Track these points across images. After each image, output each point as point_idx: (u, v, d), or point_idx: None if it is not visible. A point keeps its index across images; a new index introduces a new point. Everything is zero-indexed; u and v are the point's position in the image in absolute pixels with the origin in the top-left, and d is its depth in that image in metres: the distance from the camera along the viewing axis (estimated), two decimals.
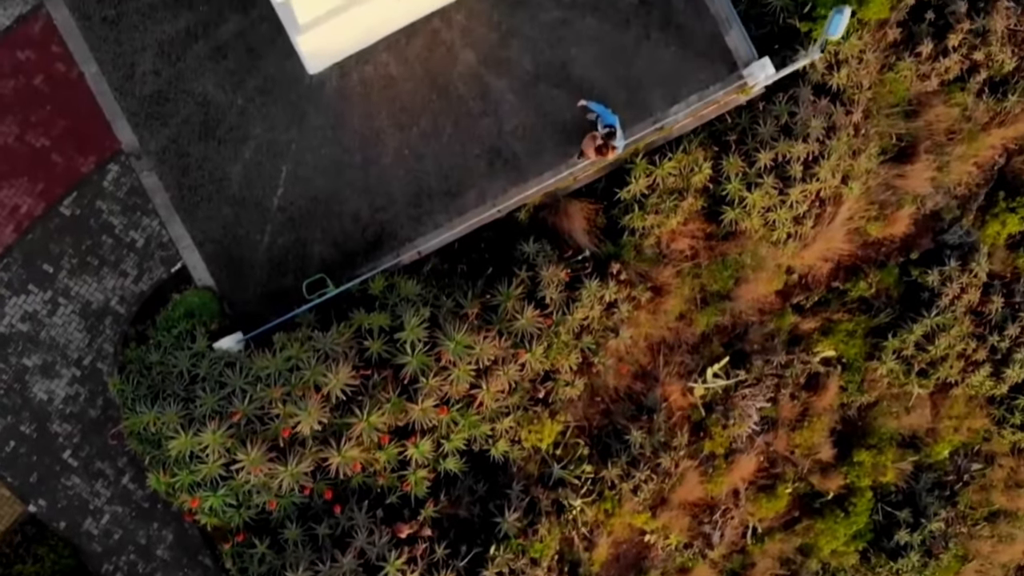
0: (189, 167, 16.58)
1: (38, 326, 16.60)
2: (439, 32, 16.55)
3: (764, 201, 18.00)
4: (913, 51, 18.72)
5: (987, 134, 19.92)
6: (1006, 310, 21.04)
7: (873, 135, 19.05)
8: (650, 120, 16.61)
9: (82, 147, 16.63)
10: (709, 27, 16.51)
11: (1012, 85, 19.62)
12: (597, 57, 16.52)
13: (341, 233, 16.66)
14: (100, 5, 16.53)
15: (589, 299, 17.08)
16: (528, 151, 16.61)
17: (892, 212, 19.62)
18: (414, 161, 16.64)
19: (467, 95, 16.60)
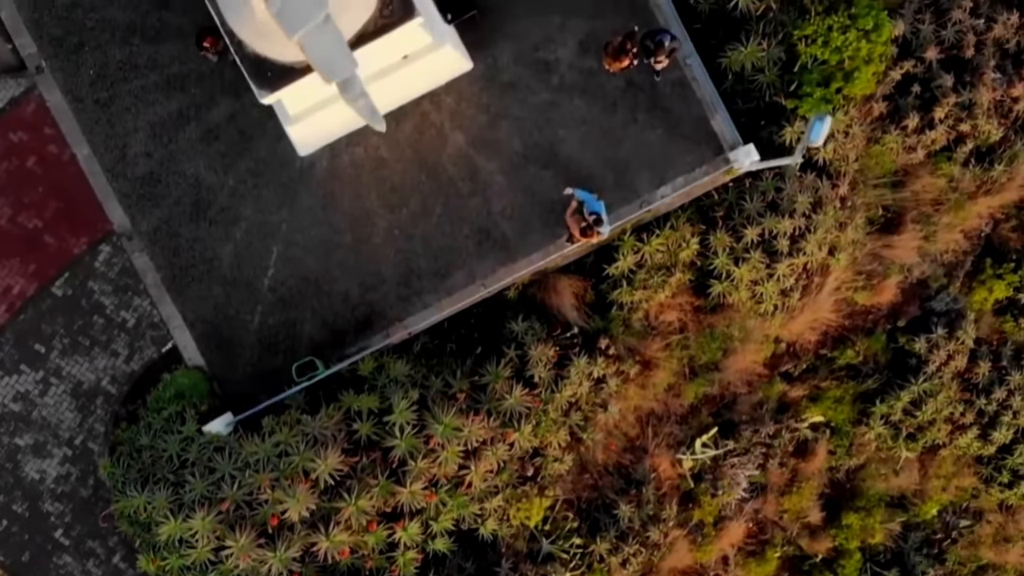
0: (180, 248, 16.53)
1: (30, 406, 16.53)
2: (429, 115, 16.51)
3: (751, 275, 17.94)
4: (899, 124, 18.64)
5: (974, 202, 19.87)
6: (993, 374, 20.97)
7: (860, 206, 18.99)
8: (637, 202, 16.54)
9: (74, 228, 16.59)
10: (695, 111, 16.45)
11: (999, 154, 19.56)
12: (585, 139, 16.46)
13: (331, 313, 16.60)
14: (93, 88, 16.50)
15: (578, 376, 17.01)
16: (517, 231, 16.55)
17: (879, 281, 19.56)
18: (404, 241, 16.59)
19: (456, 176, 16.55)
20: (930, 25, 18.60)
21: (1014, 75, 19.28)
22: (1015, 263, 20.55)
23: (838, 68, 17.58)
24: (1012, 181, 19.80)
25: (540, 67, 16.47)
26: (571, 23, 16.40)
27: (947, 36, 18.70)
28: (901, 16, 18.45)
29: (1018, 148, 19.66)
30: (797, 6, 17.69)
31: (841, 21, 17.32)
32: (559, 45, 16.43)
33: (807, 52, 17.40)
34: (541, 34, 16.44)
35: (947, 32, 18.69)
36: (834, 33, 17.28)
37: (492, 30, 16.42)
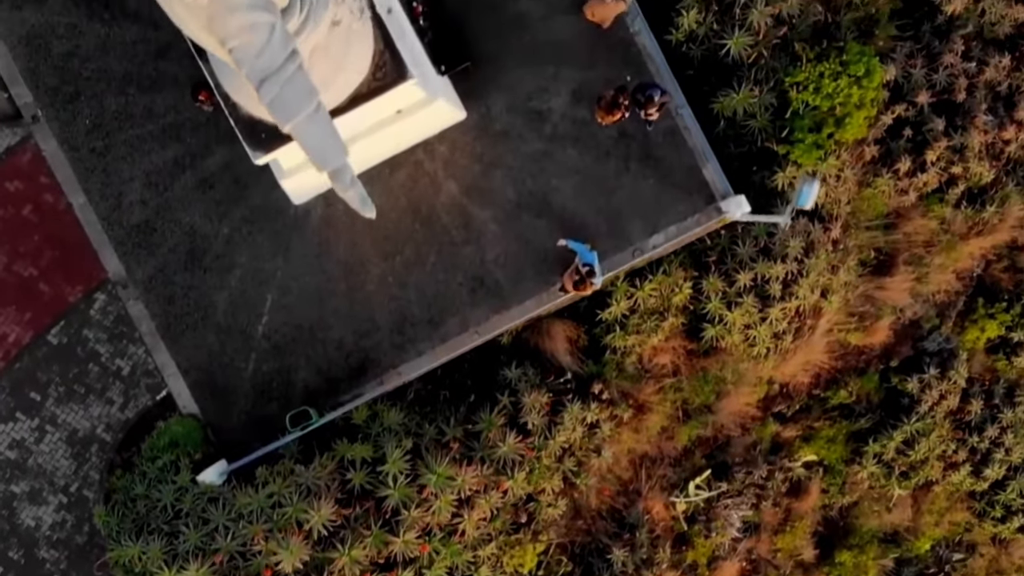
0: (175, 296, 16.50)
1: (26, 453, 16.49)
2: (422, 163, 16.48)
3: (744, 319, 17.91)
4: (891, 167, 18.62)
5: (966, 243, 19.85)
6: (986, 411, 20.97)
7: (852, 248, 18.97)
8: (630, 250, 16.49)
9: (70, 276, 16.56)
10: (687, 160, 16.41)
11: (990, 196, 19.54)
12: (578, 188, 16.42)
13: (325, 360, 16.55)
14: (88, 137, 16.48)
15: (571, 422, 16.96)
16: (510, 279, 16.50)
17: (872, 322, 19.54)
18: (398, 289, 16.54)
19: (450, 224, 16.52)
20: (921, 69, 18.59)
21: (1006, 117, 19.27)
22: (1007, 303, 20.56)
23: (830, 114, 17.57)
24: (1004, 222, 19.79)
25: (533, 117, 16.44)
26: (564, 73, 16.38)
27: (938, 80, 18.68)
28: (893, 60, 18.45)
29: (1009, 189, 19.66)
30: (789, 53, 17.70)
31: (833, 68, 17.30)
32: (552, 95, 16.41)
33: (799, 98, 17.38)
34: (534, 84, 16.42)
35: (938, 76, 18.67)
36: (826, 80, 17.26)
37: (485, 80, 16.40)
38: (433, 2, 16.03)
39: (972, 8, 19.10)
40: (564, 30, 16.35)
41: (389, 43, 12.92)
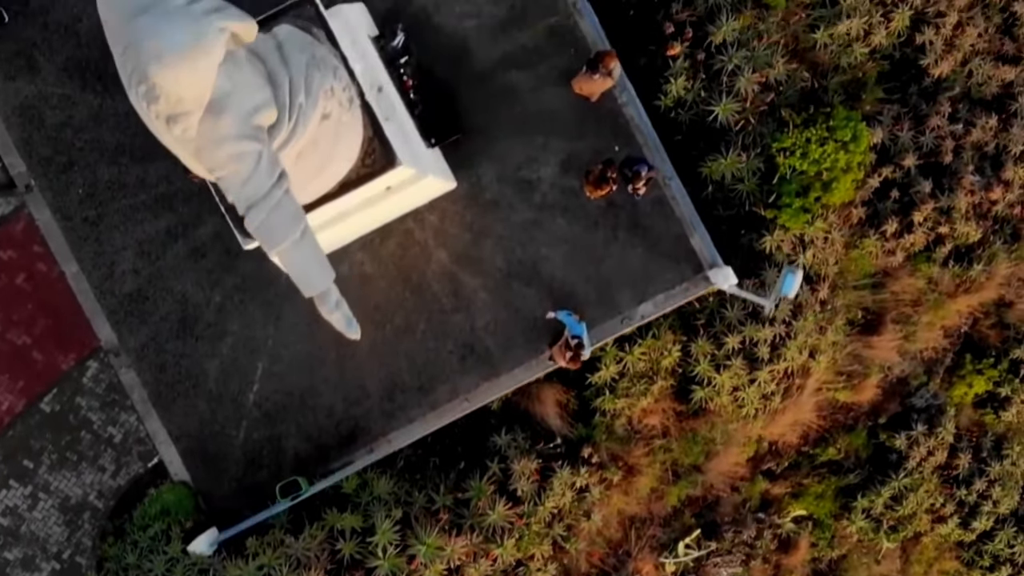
0: (167, 364, 16.48)
1: (19, 520, 16.45)
2: (413, 232, 16.49)
3: (733, 382, 17.89)
4: (879, 229, 18.61)
5: (953, 301, 19.84)
6: (974, 465, 20.95)
7: (840, 307, 18.96)
8: (619, 318, 16.49)
9: (63, 344, 16.53)
10: (674, 229, 16.43)
11: (977, 254, 19.56)
12: (567, 256, 16.43)
13: (315, 428, 16.53)
14: (82, 206, 16.49)
15: (561, 487, 16.91)
16: (500, 347, 16.49)
17: (860, 381, 19.51)
18: (388, 357, 16.52)
19: (440, 292, 16.51)
20: (908, 132, 18.60)
21: (992, 177, 19.29)
22: (994, 358, 20.54)
23: (817, 178, 17.58)
24: (991, 280, 19.78)
25: (523, 186, 16.46)
26: (553, 144, 16.40)
27: (925, 142, 18.71)
28: (880, 123, 18.47)
29: (996, 248, 19.67)
30: (776, 118, 17.74)
31: (819, 133, 17.32)
32: (541, 165, 16.42)
33: (786, 163, 17.40)
34: (524, 154, 16.44)
35: (925, 138, 18.70)
36: (812, 145, 17.28)
37: (475, 150, 16.41)
38: (424, 75, 16.06)
39: (959, 70, 19.15)
40: (553, 101, 16.39)
41: (378, 130, 12.93)
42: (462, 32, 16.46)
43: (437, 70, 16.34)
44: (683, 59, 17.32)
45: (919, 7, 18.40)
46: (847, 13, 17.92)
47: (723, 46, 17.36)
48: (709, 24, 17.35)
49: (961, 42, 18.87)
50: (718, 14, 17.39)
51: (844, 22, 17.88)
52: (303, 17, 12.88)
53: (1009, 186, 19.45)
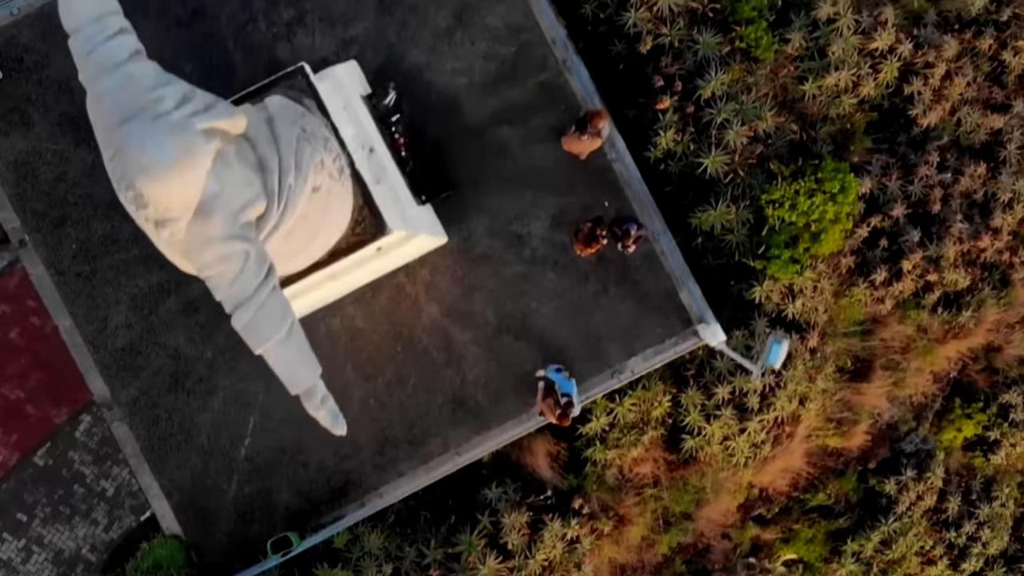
0: (159, 418, 16.51)
1: (13, 573, 16.46)
2: (404, 287, 16.54)
3: (723, 431, 17.92)
4: (867, 278, 18.65)
5: (942, 346, 19.88)
6: (963, 507, 20.98)
7: (830, 355, 18.99)
8: (608, 371, 16.54)
9: (56, 398, 16.58)
10: (664, 284, 16.48)
11: (966, 301, 19.60)
12: (557, 310, 16.48)
13: (307, 482, 16.55)
14: (75, 261, 16.53)
15: (552, 539, 16.93)
16: (490, 400, 16.51)
17: (849, 427, 19.57)
18: (379, 411, 16.56)
19: (431, 346, 16.56)
20: (897, 181, 18.65)
21: (981, 225, 19.34)
22: (983, 402, 20.59)
23: (805, 229, 17.66)
24: (980, 325, 19.83)
25: (513, 240, 16.51)
26: (543, 199, 16.45)
27: (914, 191, 18.76)
28: (868, 173, 18.54)
29: (985, 294, 19.70)
30: (764, 170, 17.82)
31: (808, 185, 17.39)
32: (532, 219, 16.47)
33: (775, 215, 17.47)
34: (514, 209, 16.49)
35: (914, 187, 18.75)
36: (801, 197, 17.35)
37: (466, 205, 16.45)
38: (415, 132, 16.15)
39: (947, 119, 19.22)
40: (543, 157, 16.44)
41: (368, 198, 12.99)
42: (453, 89, 16.53)
43: (429, 126, 16.41)
44: (672, 112, 17.41)
45: (907, 58, 18.47)
46: (835, 65, 18.00)
47: (712, 99, 17.45)
48: (698, 78, 17.44)
49: (950, 92, 18.95)
50: (707, 67, 17.48)
51: (832, 75, 17.97)
52: (295, 88, 12.96)
53: (998, 233, 19.50)
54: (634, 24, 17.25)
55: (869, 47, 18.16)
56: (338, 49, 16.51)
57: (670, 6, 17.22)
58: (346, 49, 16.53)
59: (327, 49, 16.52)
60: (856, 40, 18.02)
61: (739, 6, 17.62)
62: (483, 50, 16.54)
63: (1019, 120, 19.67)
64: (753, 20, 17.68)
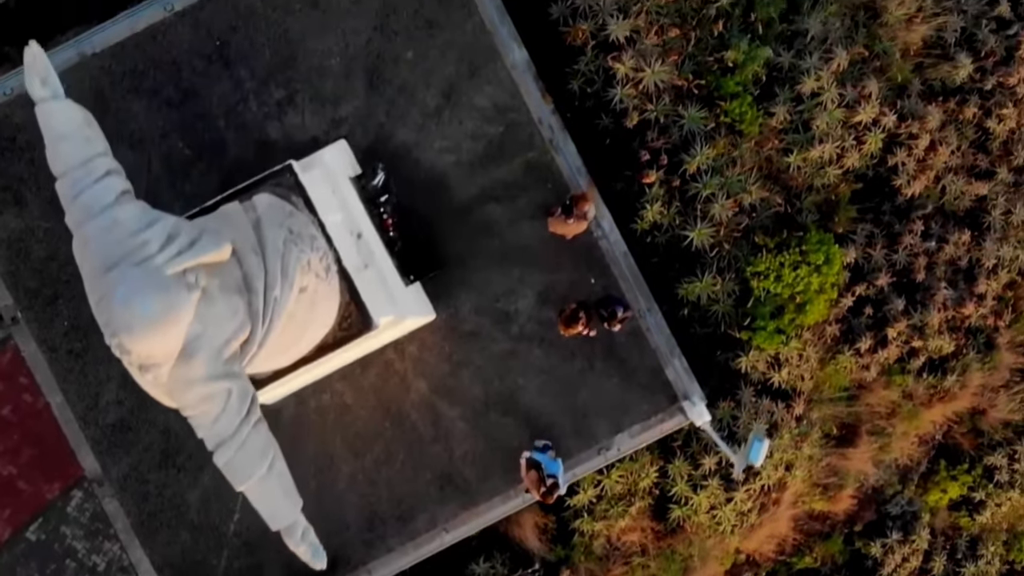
0: (149, 494, 16.61)
1: None
2: (392, 363, 16.65)
3: (710, 500, 18.03)
4: (853, 345, 18.79)
5: (928, 410, 19.99)
6: (949, 566, 21.04)
7: (816, 421, 19.13)
8: (595, 448, 16.67)
9: (48, 474, 16.65)
10: (650, 361, 16.61)
11: (951, 365, 19.74)
12: (544, 387, 16.59)
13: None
14: (67, 338, 16.65)
15: None
16: (478, 476, 16.61)
17: (835, 492, 19.69)
18: (367, 487, 16.65)
19: (419, 422, 16.67)
20: (882, 250, 18.76)
21: (966, 292, 19.44)
22: (969, 464, 20.70)
23: (791, 300, 17.84)
24: (965, 389, 19.94)
25: (501, 317, 16.63)
26: (530, 276, 16.58)
27: (898, 260, 18.90)
28: (853, 242, 18.67)
29: (970, 358, 19.82)
30: (750, 242, 17.99)
31: (793, 258, 17.54)
32: (519, 297, 16.59)
33: (760, 286, 17.64)
34: (502, 286, 16.61)
35: (898, 256, 18.90)
36: (786, 269, 17.49)
37: (454, 282, 16.55)
38: (403, 211, 16.30)
39: (932, 187, 19.36)
40: (530, 235, 16.57)
41: (355, 294, 13.14)
42: (441, 167, 16.68)
43: (417, 205, 16.54)
44: (658, 186, 17.56)
45: (891, 129, 18.62)
46: (820, 138, 18.14)
47: (697, 173, 17.60)
48: (683, 152, 17.60)
49: (934, 161, 19.08)
50: (692, 142, 17.62)
51: (817, 147, 18.10)
52: (283, 185, 13.10)
53: (983, 299, 19.63)
54: (620, 100, 17.40)
55: (853, 120, 18.30)
56: (328, 128, 16.66)
57: (655, 83, 17.36)
58: (336, 128, 16.67)
59: (317, 128, 16.67)
60: (840, 113, 18.18)
61: (724, 81, 17.79)
62: (471, 129, 16.69)
63: (1003, 186, 19.82)
64: (738, 95, 17.84)
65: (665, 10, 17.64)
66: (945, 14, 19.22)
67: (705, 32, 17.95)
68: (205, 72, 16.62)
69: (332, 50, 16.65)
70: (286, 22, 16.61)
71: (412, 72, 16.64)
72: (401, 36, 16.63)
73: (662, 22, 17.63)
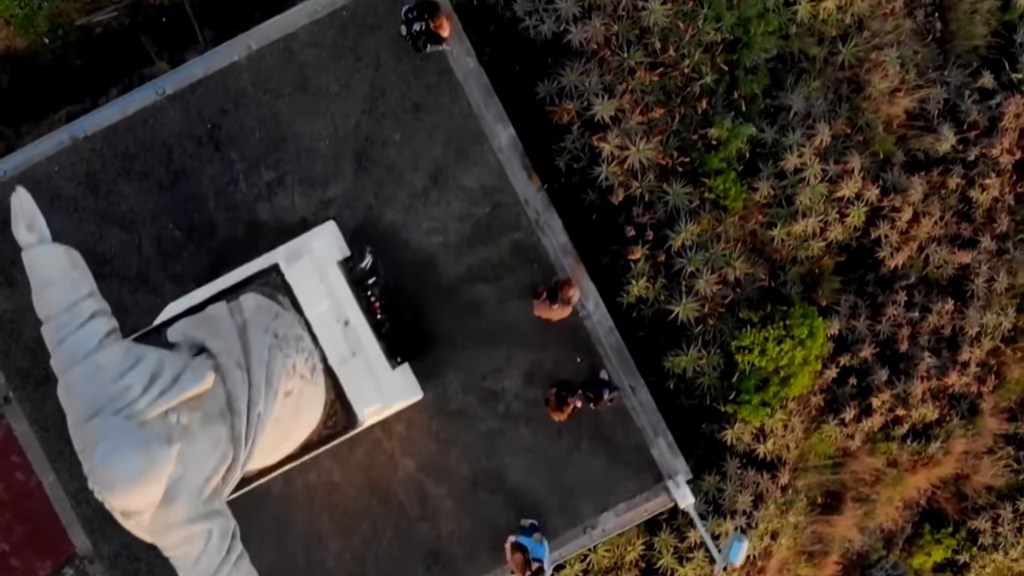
0: (139, 571, 16.65)
1: None
2: (380, 442, 16.77)
3: (696, 572, 18.14)
4: (837, 415, 18.92)
5: (912, 476, 20.12)
6: None
7: (801, 489, 19.28)
8: (581, 527, 16.80)
9: (40, 551, 16.76)
10: (635, 440, 16.76)
11: (935, 432, 19.86)
12: (531, 466, 16.72)
13: None
14: (58, 418, 16.56)
15: None
16: (465, 555, 16.71)
17: (821, 559, 19.81)
18: (355, 565, 16.72)
19: (407, 501, 16.78)
20: (865, 321, 18.91)
21: (949, 360, 19.53)
22: (953, 527, 20.81)
23: (775, 374, 17.96)
24: (949, 455, 20.04)
25: (488, 396, 16.78)
26: (517, 355, 16.74)
27: (882, 330, 19.03)
28: (837, 313, 18.79)
29: (954, 424, 19.91)
30: (734, 316, 18.13)
31: (777, 332, 17.68)
32: (506, 376, 16.75)
33: (745, 360, 17.79)
34: (489, 365, 16.77)
35: (882, 327, 19.04)
36: (770, 344, 17.64)
37: (441, 361, 16.71)
38: (391, 292, 16.45)
39: (915, 257, 19.47)
40: (516, 314, 16.71)
41: (340, 392, 13.28)
42: (429, 248, 16.84)
43: (405, 285, 16.71)
44: (644, 261, 17.73)
45: (874, 203, 18.77)
46: (803, 213, 18.28)
47: (682, 249, 17.78)
48: (668, 228, 17.75)
49: (917, 232, 19.20)
50: (677, 218, 17.79)
51: (800, 221, 18.24)
52: (269, 284, 13.25)
53: (966, 367, 19.76)
54: (606, 178, 17.58)
55: (836, 194, 18.45)
56: (317, 209, 16.83)
57: (640, 161, 17.54)
58: (325, 209, 16.84)
59: (306, 209, 16.83)
60: (823, 188, 18.33)
61: (708, 158, 17.96)
62: (458, 210, 16.87)
63: (987, 254, 19.90)
64: (722, 171, 18.01)
65: (650, 88, 17.81)
66: (928, 86, 19.37)
67: (689, 109, 18.13)
68: (196, 154, 16.78)
69: (321, 133, 16.82)
70: (276, 105, 16.78)
71: (400, 154, 16.80)
72: (389, 119, 16.80)
73: (647, 100, 17.81)
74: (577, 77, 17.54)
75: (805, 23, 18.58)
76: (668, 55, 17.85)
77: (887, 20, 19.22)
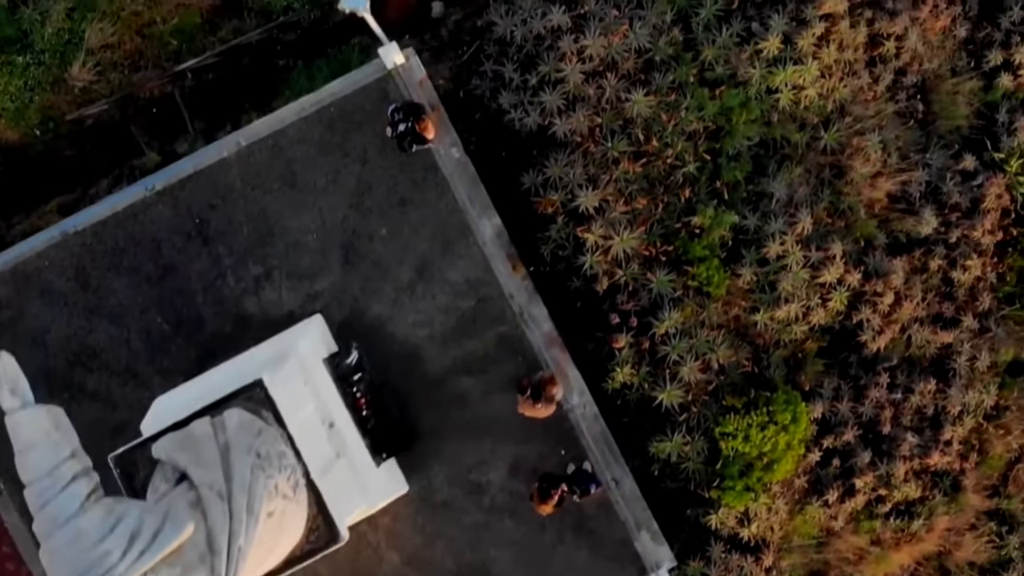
0: None
1: None
2: (365, 535, 16.83)
3: None
4: (821, 496, 19.00)
5: (896, 553, 20.18)
6: None
7: (785, 569, 19.33)
8: None
9: None
10: (618, 532, 16.84)
11: (918, 510, 19.92)
12: (516, 558, 16.77)
13: None
14: None
15: None
16: None
17: None
18: None
19: None
20: (848, 404, 18.98)
21: (931, 440, 19.61)
22: None
23: (759, 459, 18.06)
24: (932, 532, 20.08)
25: (473, 489, 16.87)
26: (502, 447, 16.85)
27: (865, 412, 19.12)
28: (820, 396, 18.88)
29: (936, 501, 19.98)
30: (718, 401, 18.22)
31: (760, 419, 17.75)
32: (491, 468, 16.84)
33: (729, 446, 17.88)
34: (474, 457, 16.87)
35: (865, 408, 19.12)
36: (754, 430, 17.73)
37: (427, 453, 16.83)
38: (377, 386, 16.56)
39: (898, 338, 19.57)
40: (501, 407, 16.82)
41: (322, 508, 13.34)
42: (415, 340, 16.95)
43: (391, 378, 16.82)
44: (628, 348, 17.84)
45: (856, 288, 18.90)
46: (785, 299, 18.39)
47: (667, 336, 17.88)
48: (651, 316, 17.87)
49: (899, 315, 19.28)
50: (661, 305, 17.91)
51: (783, 307, 18.35)
52: (253, 399, 13.33)
53: (948, 446, 19.84)
54: (590, 266, 17.70)
55: (818, 280, 18.57)
56: (304, 303, 16.94)
57: (624, 250, 17.67)
58: (312, 302, 16.96)
59: (293, 303, 16.95)
60: (805, 274, 18.43)
61: (691, 245, 18.10)
62: (444, 303, 16.99)
63: (969, 333, 19.97)
64: (705, 258, 18.14)
65: (633, 178, 17.97)
66: (910, 169, 19.50)
67: (673, 197, 18.27)
68: (184, 249, 16.91)
69: (309, 227, 16.95)
70: (264, 200, 16.91)
71: (386, 248, 16.95)
72: (376, 213, 16.93)
73: (631, 190, 17.97)
74: (562, 169, 17.69)
75: (787, 110, 18.72)
76: (651, 145, 18.02)
77: (869, 105, 19.35)
